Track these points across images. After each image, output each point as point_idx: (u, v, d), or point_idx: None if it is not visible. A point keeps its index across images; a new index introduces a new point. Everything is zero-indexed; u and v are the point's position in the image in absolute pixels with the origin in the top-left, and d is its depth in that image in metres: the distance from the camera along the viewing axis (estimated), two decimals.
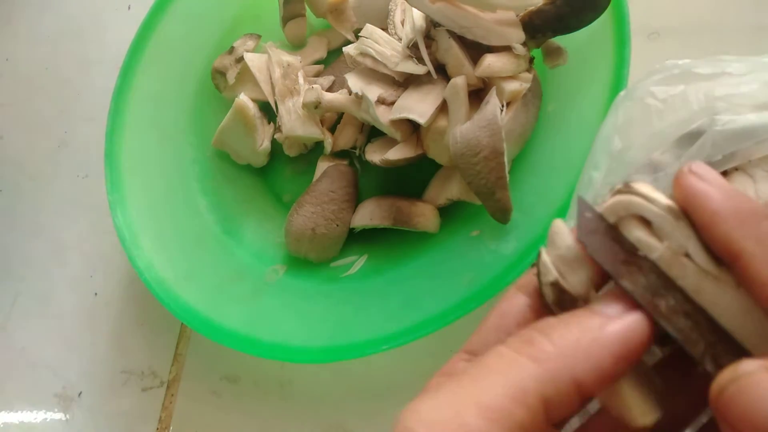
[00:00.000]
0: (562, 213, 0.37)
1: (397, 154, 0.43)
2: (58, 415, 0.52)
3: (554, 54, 0.42)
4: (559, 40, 0.42)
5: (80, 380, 0.52)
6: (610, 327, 0.19)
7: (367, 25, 0.43)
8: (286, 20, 0.54)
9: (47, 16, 0.72)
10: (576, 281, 0.22)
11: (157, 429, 0.48)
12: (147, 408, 0.49)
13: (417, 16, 0.42)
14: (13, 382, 0.55)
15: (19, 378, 0.55)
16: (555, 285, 0.22)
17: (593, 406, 0.23)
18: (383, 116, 0.42)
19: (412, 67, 0.41)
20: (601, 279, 0.22)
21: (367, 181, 0.49)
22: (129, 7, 0.68)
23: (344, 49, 0.47)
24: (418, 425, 0.18)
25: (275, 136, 0.51)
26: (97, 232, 0.58)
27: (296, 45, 0.56)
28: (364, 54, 0.43)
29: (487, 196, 0.38)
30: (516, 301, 0.23)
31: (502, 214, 0.39)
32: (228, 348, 0.47)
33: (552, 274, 0.22)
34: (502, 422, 0.17)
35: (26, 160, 0.65)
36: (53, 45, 0.70)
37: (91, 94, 0.64)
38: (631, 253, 0.21)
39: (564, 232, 0.22)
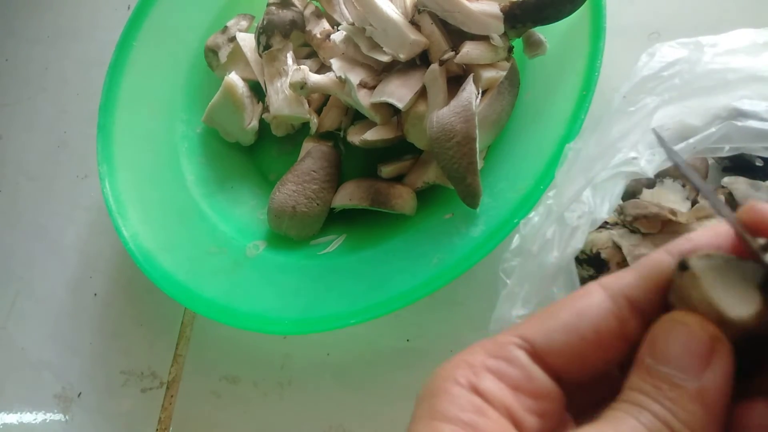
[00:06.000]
0: (529, 199, 0.38)
1: (374, 135, 0.44)
2: (58, 416, 0.52)
3: (534, 44, 0.43)
4: (540, 32, 0.43)
5: (80, 381, 0.52)
6: None
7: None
8: None
9: (47, 16, 0.72)
10: None
11: (157, 430, 0.48)
12: (147, 409, 0.49)
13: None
14: (13, 383, 0.55)
15: (19, 378, 0.55)
16: None
17: None
18: (364, 99, 0.43)
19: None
20: None
21: (350, 164, 0.50)
22: (129, 7, 0.67)
23: (332, 36, 0.48)
24: None
25: (263, 116, 0.52)
26: (96, 233, 0.58)
27: None
28: (347, 40, 0.44)
29: (458, 181, 0.39)
30: (596, 300, 0.20)
31: (471, 198, 0.40)
32: (228, 349, 0.48)
33: None
34: None
35: (26, 160, 0.65)
36: (53, 45, 0.70)
37: (91, 94, 0.61)
38: None
39: None
